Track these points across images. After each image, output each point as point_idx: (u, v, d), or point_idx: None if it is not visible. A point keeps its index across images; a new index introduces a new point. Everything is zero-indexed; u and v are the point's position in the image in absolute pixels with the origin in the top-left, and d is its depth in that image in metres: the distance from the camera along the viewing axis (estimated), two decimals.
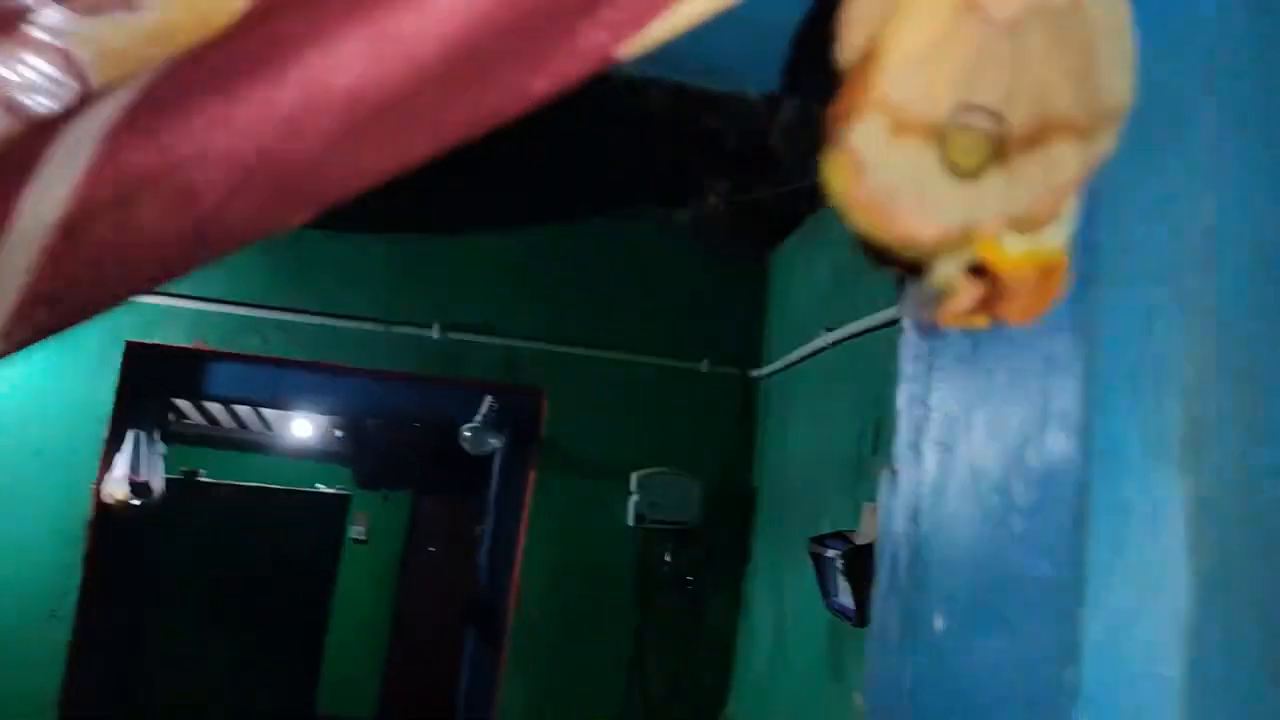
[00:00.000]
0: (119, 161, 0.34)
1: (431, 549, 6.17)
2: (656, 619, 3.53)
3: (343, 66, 0.35)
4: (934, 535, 0.50)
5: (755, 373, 3.61)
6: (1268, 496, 0.38)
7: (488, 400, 3.73)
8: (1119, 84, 0.33)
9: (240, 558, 5.69)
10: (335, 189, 0.39)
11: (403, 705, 6.25)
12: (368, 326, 3.46)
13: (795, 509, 3.12)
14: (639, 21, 0.38)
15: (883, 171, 0.36)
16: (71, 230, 0.35)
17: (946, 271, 0.35)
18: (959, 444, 0.49)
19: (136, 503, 3.78)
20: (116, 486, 3.57)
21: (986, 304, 0.39)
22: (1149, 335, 0.39)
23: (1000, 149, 0.34)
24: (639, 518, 3.48)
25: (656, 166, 3.14)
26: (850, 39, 0.38)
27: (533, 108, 0.41)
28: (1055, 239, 0.34)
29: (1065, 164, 0.33)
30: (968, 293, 0.38)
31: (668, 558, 3.56)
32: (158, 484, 4.03)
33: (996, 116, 0.34)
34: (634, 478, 3.49)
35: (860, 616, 2.39)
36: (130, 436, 3.76)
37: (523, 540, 3.57)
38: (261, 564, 5.74)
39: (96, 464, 3.31)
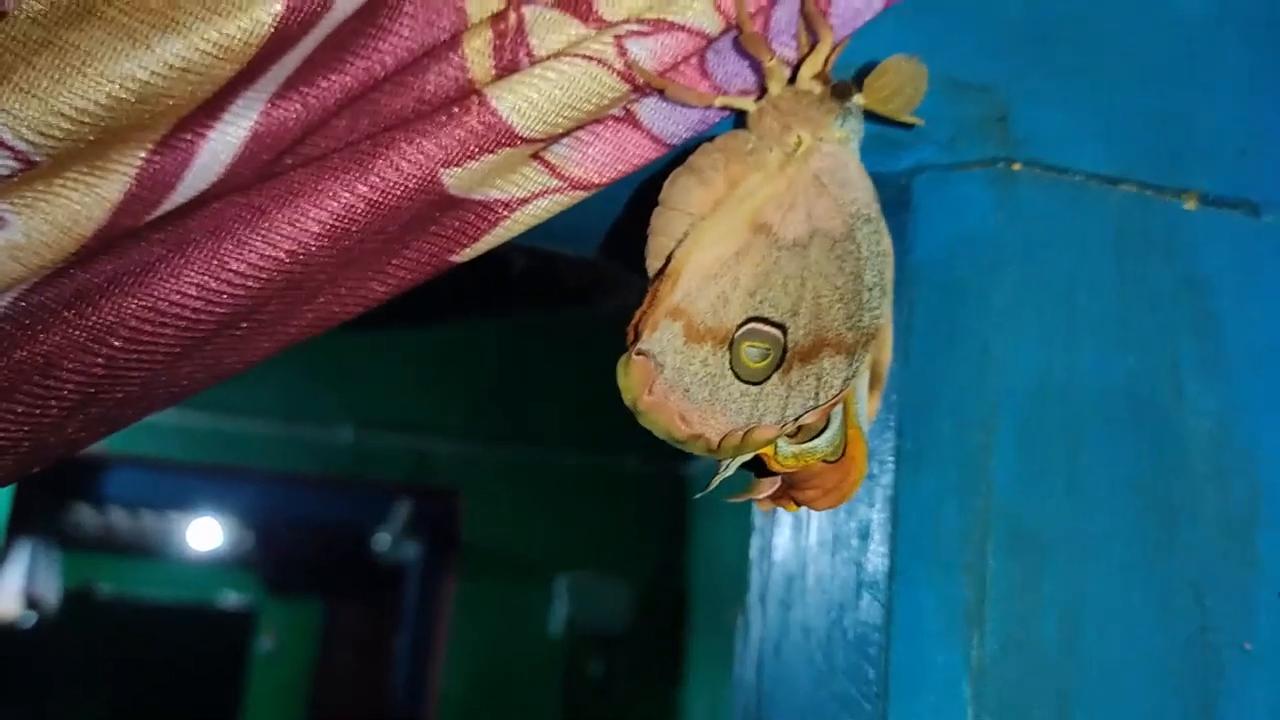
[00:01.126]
0: None
1: (343, 659, 6.07)
2: None
3: (184, 291, 0.41)
4: (774, 689, 0.55)
5: (684, 470, 3.66)
6: (1047, 661, 0.44)
7: (401, 505, 3.74)
8: (879, 308, 0.40)
9: (140, 677, 5.56)
10: (181, 392, 0.44)
11: None
12: (273, 427, 3.46)
13: (731, 612, 3.16)
14: (473, 235, 0.44)
15: (676, 375, 0.42)
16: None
17: (731, 466, 0.41)
18: (795, 603, 0.54)
19: (30, 619, 3.71)
20: (8, 602, 3.51)
21: (787, 493, 0.45)
22: (938, 516, 0.45)
23: (782, 360, 0.40)
24: (566, 625, 3.48)
25: (571, 269, 3.22)
26: (654, 248, 0.44)
27: (375, 305, 0.47)
28: (820, 445, 0.40)
29: (833, 378, 0.39)
30: (766, 486, 0.44)
31: (598, 668, 3.56)
32: (51, 598, 3.96)
33: (781, 329, 0.41)
34: (560, 582, 3.50)
35: None
36: (24, 547, 3.70)
37: (441, 652, 3.55)
38: (163, 683, 5.60)
39: None
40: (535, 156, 0.44)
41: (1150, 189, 0.48)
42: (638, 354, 0.42)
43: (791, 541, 0.55)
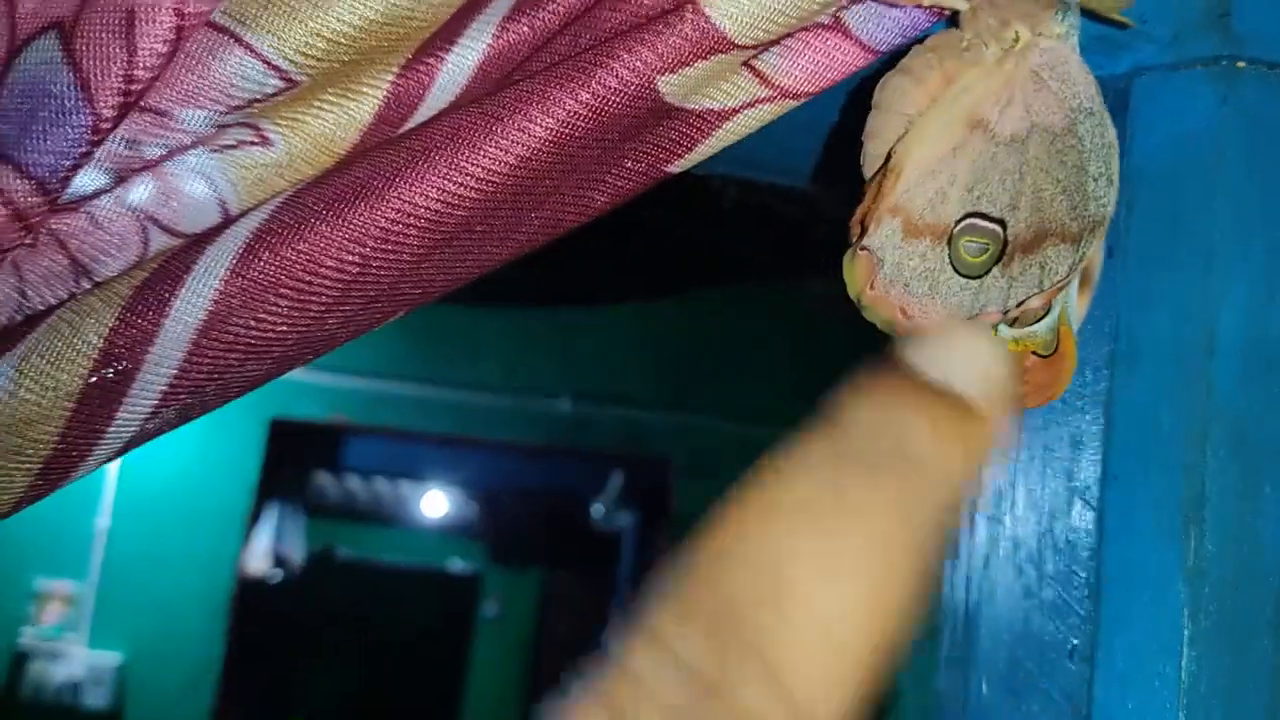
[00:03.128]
0: (248, 272, 0.43)
1: (564, 626, 6.26)
2: None
3: (427, 194, 0.44)
4: (983, 603, 0.55)
5: None
6: (1265, 562, 0.42)
7: (616, 474, 3.83)
8: (1105, 197, 0.39)
9: (375, 635, 5.89)
10: (425, 293, 0.48)
11: None
12: (497, 398, 3.60)
13: None
14: (688, 145, 0.46)
15: (895, 270, 0.42)
16: (209, 329, 0.44)
17: None
18: (1004, 516, 0.54)
19: (277, 576, 3.99)
20: (259, 560, 3.78)
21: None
22: (1156, 416, 0.44)
23: (1002, 253, 0.40)
24: None
25: (783, 241, 3.21)
26: (871, 151, 0.45)
27: (596, 217, 0.49)
28: (1040, 330, 0.40)
29: (1057, 267, 0.39)
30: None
31: None
32: (297, 558, 4.24)
33: (1000, 223, 0.40)
34: None
35: None
36: (272, 510, 3.98)
37: None
38: (395, 642, 5.92)
39: (241, 538, 3.52)
40: (746, 65, 0.45)
41: None
42: (861, 249, 0.42)
43: (1002, 455, 0.55)
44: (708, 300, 3.68)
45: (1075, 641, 0.45)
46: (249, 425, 3.48)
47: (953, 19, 0.44)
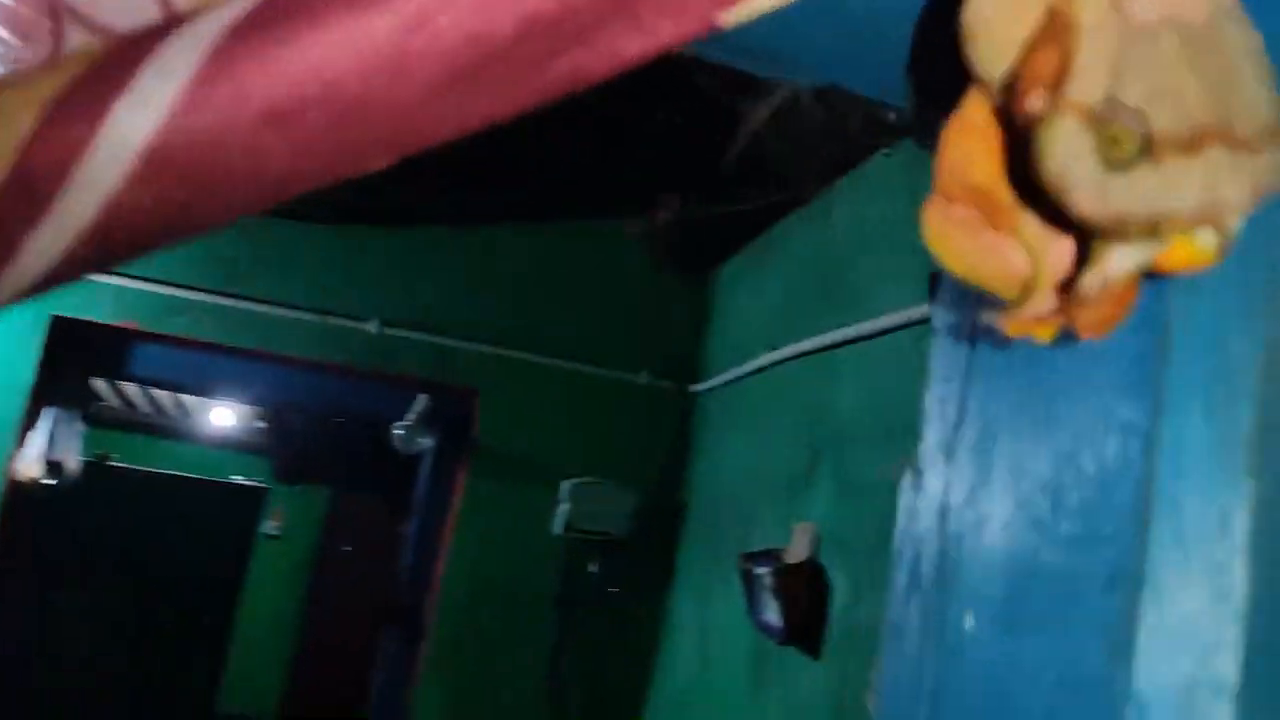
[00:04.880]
0: (220, 82, 0.33)
1: (348, 548, 6.06)
2: (578, 630, 3.51)
3: (454, 9, 0.34)
4: (967, 535, 0.50)
5: (694, 388, 3.62)
6: None
7: (422, 399, 3.68)
8: (1264, 101, 0.34)
9: (149, 546, 5.54)
10: (425, 135, 0.38)
11: (309, 707, 6.11)
12: (303, 316, 3.39)
13: (726, 525, 3.13)
14: None
15: (1050, 150, 0.36)
16: (157, 155, 0.34)
17: (1123, 263, 0.35)
18: (999, 446, 0.49)
19: (50, 482, 3.65)
20: (31, 464, 3.45)
21: (1063, 314, 0.39)
22: (1222, 342, 0.40)
23: (1148, 147, 0.34)
24: (567, 527, 3.45)
25: (612, 178, 3.14)
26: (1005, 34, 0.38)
27: (622, 71, 0.40)
28: (1209, 241, 0.35)
29: (1225, 172, 0.33)
30: (1048, 300, 0.38)
31: (593, 568, 3.54)
32: (72, 464, 3.90)
33: (1140, 114, 0.34)
34: (565, 486, 3.46)
35: (787, 634, 2.41)
36: (48, 414, 3.63)
37: (447, 543, 3.52)
38: (170, 554, 5.59)
39: (12, 440, 3.19)
40: None
41: None
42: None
43: (1000, 383, 0.50)
44: (520, 236, 3.57)
45: (1110, 572, 0.41)
46: (26, 321, 3.14)
47: None
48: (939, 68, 0.46)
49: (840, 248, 2.67)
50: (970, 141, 0.40)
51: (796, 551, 2.51)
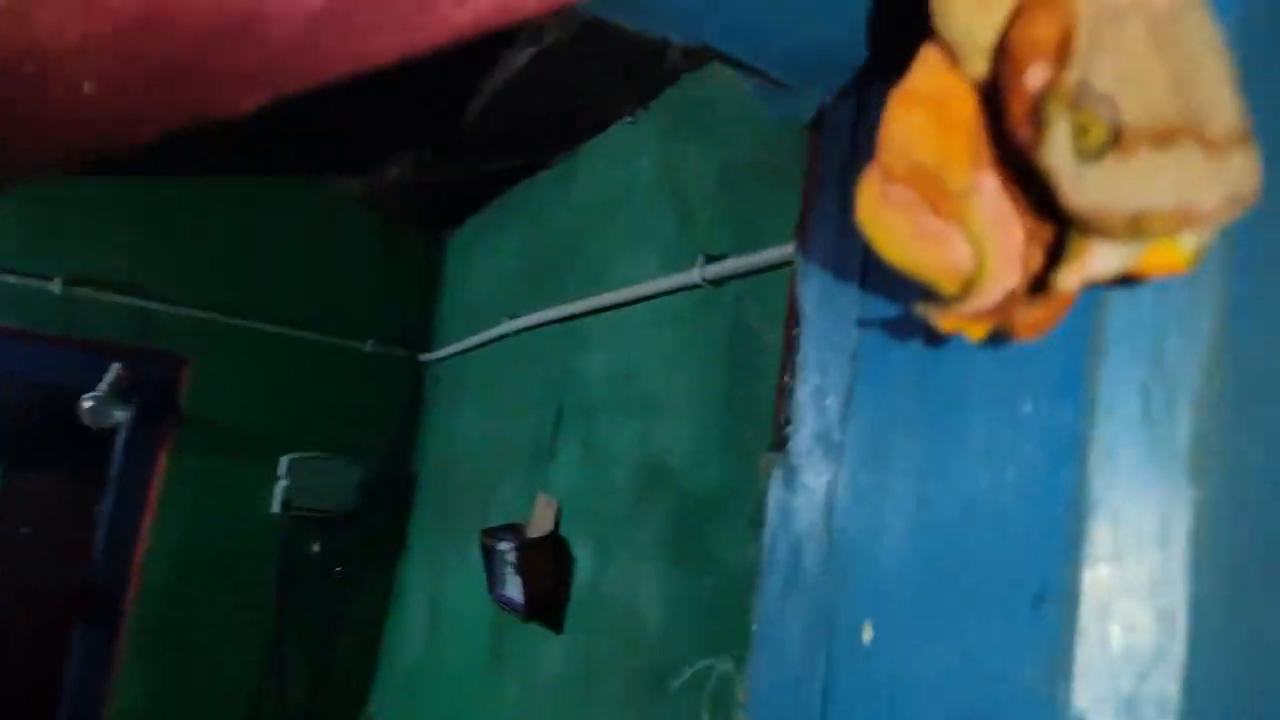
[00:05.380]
0: None
1: (25, 529, 5.49)
2: (300, 612, 3.33)
3: None
4: (861, 538, 0.47)
5: (426, 356, 3.50)
6: (1263, 515, 0.38)
7: (115, 368, 3.35)
8: (1229, 100, 0.32)
9: None
10: (305, 74, 0.30)
11: None
12: None
13: (461, 498, 3.06)
14: None
15: (1051, 136, 0.32)
16: None
17: (1106, 262, 0.32)
18: (897, 444, 0.46)
19: None
20: None
21: (1003, 314, 0.36)
22: (1161, 344, 0.38)
23: (1118, 137, 0.32)
24: (286, 504, 3.27)
25: (334, 130, 2.96)
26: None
27: (453, 41, 0.34)
28: (1188, 244, 0.32)
29: (1198, 173, 0.31)
30: (990, 297, 0.35)
31: (316, 547, 3.37)
32: None
33: (1111, 101, 0.32)
34: (283, 461, 3.27)
35: (530, 609, 2.38)
36: None
37: (149, 524, 3.24)
38: None
39: None
40: None
41: None
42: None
43: (897, 378, 0.47)
44: (233, 192, 3.31)
45: (1040, 586, 0.39)
46: None
47: None
48: (877, 23, 0.42)
49: (583, 215, 2.64)
50: (919, 113, 0.37)
51: (539, 525, 2.48)
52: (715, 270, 1.92)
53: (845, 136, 0.54)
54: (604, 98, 2.41)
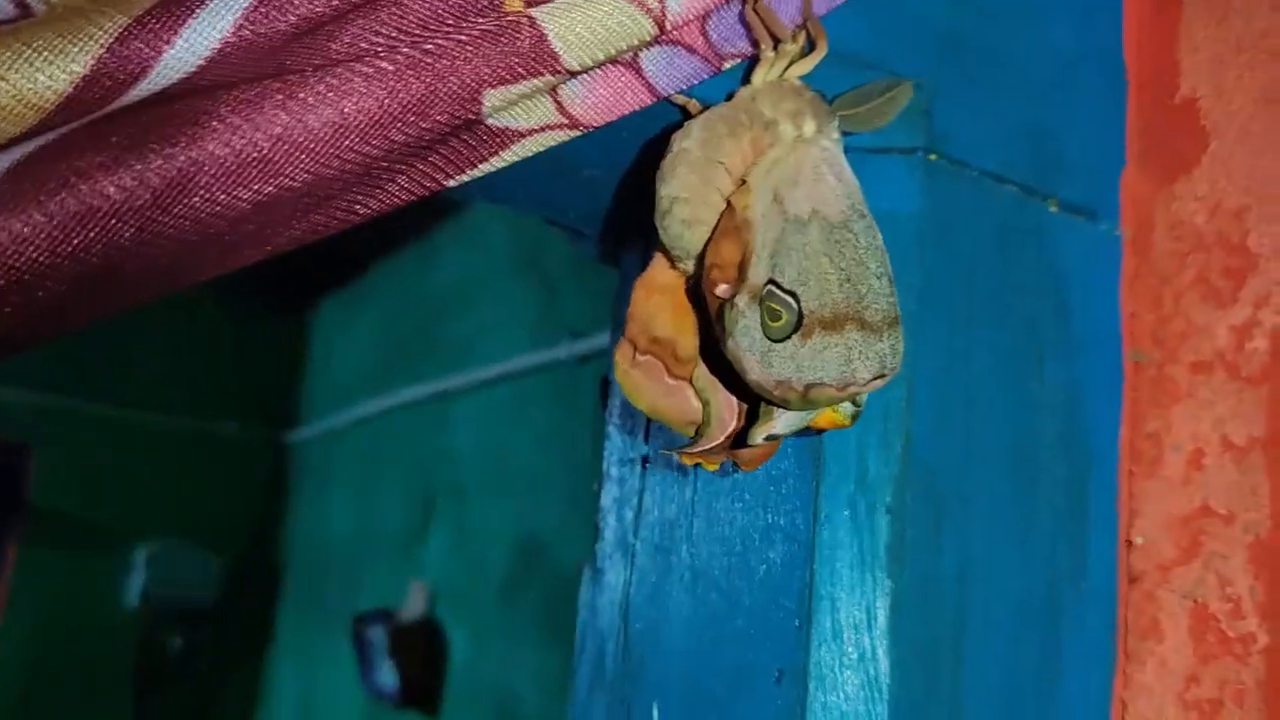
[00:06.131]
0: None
1: None
2: (160, 710, 3.28)
3: (219, 197, 0.36)
4: (649, 632, 0.57)
5: (289, 437, 3.52)
6: (949, 600, 0.50)
7: None
8: (892, 297, 0.43)
9: None
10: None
11: None
12: None
13: (331, 586, 3.07)
14: (473, 162, 0.43)
15: (734, 322, 0.43)
16: None
17: (786, 424, 0.43)
18: (679, 548, 0.57)
19: None
20: None
21: (726, 453, 0.47)
22: (863, 464, 0.50)
23: (800, 324, 0.43)
24: (144, 597, 3.23)
25: None
26: (680, 186, 0.45)
27: (352, 225, 0.44)
28: (848, 411, 0.44)
29: (858, 350, 0.42)
30: (715, 439, 0.46)
31: (176, 642, 3.33)
32: None
33: (793, 294, 0.43)
34: (140, 552, 3.24)
35: (404, 697, 2.42)
36: None
37: None
38: None
39: None
40: (551, 91, 0.43)
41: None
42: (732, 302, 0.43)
43: (674, 489, 0.58)
44: None
45: (781, 665, 0.50)
46: None
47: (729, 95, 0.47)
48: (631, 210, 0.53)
49: (445, 291, 2.73)
50: (655, 299, 0.48)
51: (412, 609, 2.53)
52: (581, 347, 2.02)
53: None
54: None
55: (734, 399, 0.46)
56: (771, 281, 0.43)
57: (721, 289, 0.43)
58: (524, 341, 2.28)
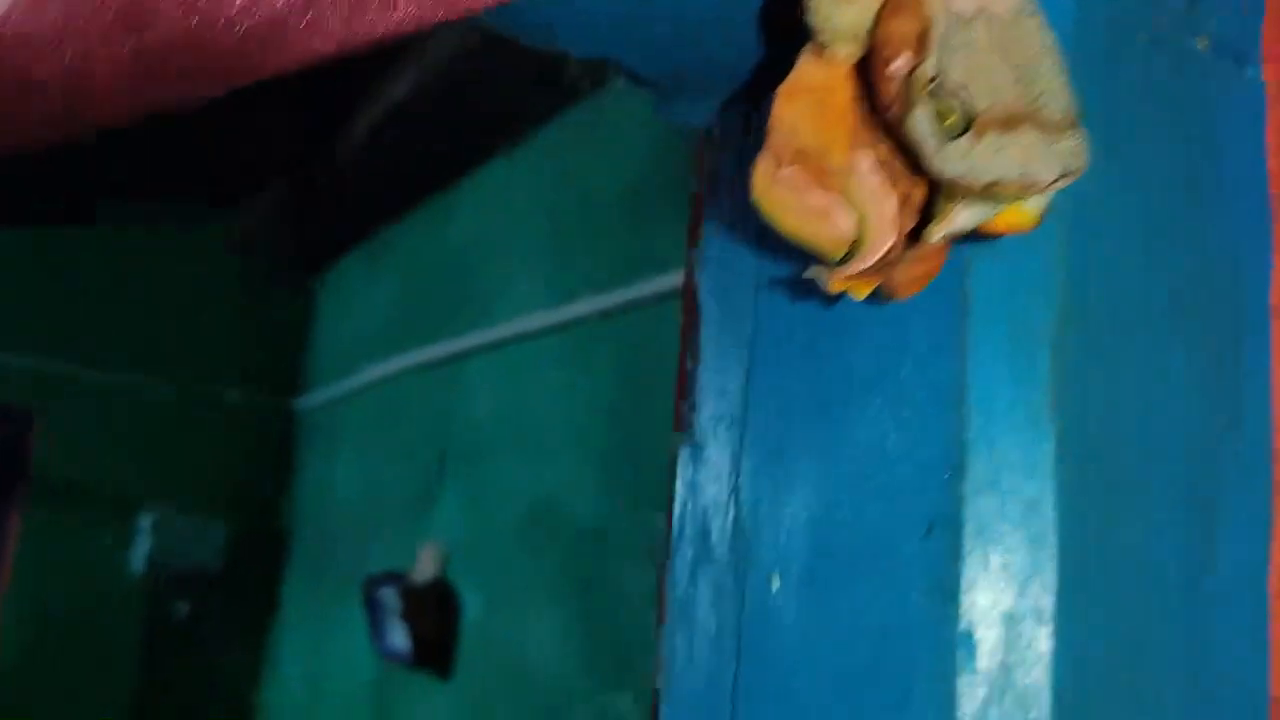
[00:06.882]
0: None
1: None
2: (166, 677, 3.24)
3: None
4: (763, 502, 0.53)
5: (297, 404, 3.47)
6: (1109, 445, 0.45)
7: None
8: (1062, 91, 0.39)
9: None
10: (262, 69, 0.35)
11: None
12: None
13: (340, 550, 3.03)
14: None
15: (915, 113, 0.39)
16: None
17: (967, 220, 0.39)
18: (796, 415, 0.52)
19: None
20: None
21: (880, 272, 0.43)
22: (1019, 303, 0.45)
23: (971, 123, 0.38)
24: (150, 564, 3.19)
25: (204, 171, 2.94)
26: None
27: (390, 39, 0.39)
28: (1032, 207, 0.39)
29: (1038, 151, 0.38)
30: (871, 259, 0.42)
31: (184, 608, 3.29)
32: None
33: (965, 92, 0.39)
34: (146, 518, 3.19)
35: (417, 658, 2.38)
36: None
37: (2, 591, 3.12)
38: None
39: None
40: None
41: None
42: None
43: (787, 352, 0.54)
44: (85, 236, 3.24)
45: (930, 519, 0.45)
46: None
47: None
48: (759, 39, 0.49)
49: (462, 253, 2.68)
50: (801, 105, 0.43)
51: (424, 571, 2.49)
52: (601, 303, 1.98)
53: (736, 140, 0.60)
54: (479, 136, 2.46)
55: (894, 210, 0.42)
56: (943, 76, 0.39)
57: (897, 64, 0.38)
58: (542, 299, 2.23)
